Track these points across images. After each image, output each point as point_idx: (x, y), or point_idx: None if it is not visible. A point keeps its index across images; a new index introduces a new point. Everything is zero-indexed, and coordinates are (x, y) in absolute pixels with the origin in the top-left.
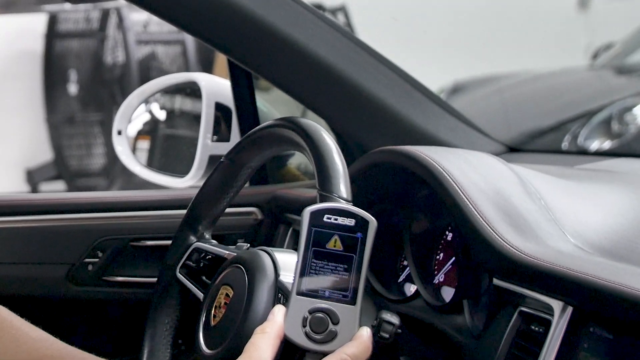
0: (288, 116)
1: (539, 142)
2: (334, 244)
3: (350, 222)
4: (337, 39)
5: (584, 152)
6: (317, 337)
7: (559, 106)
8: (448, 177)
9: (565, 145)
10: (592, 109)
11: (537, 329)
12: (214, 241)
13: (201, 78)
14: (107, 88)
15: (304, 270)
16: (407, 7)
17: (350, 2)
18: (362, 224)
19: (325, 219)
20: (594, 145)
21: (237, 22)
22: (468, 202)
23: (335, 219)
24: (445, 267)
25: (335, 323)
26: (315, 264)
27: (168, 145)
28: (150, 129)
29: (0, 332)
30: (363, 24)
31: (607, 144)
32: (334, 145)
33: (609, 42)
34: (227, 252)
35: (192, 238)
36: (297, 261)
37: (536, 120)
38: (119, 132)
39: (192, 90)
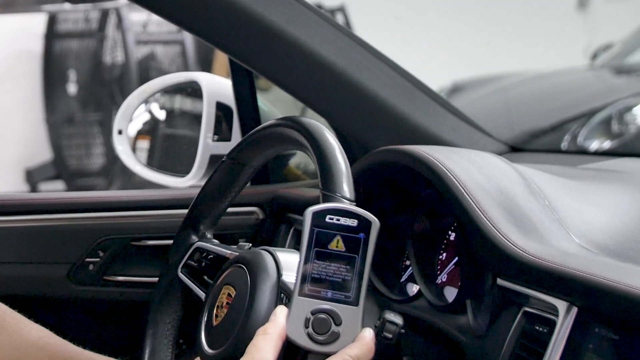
0: (290, 115)
1: (541, 142)
2: (336, 244)
3: (353, 222)
4: (338, 38)
5: (585, 151)
6: (320, 338)
7: (560, 106)
8: (452, 177)
9: (564, 145)
10: (592, 109)
11: (541, 329)
12: (215, 241)
13: (202, 77)
14: (107, 88)
15: (306, 271)
16: (406, 7)
17: (349, 2)
18: (365, 224)
19: (327, 220)
20: (594, 145)
21: (238, 20)
22: (472, 202)
23: (338, 220)
24: (448, 267)
25: (338, 324)
26: (317, 265)
27: (169, 145)
28: (151, 128)
29: (1, 323)
30: (362, 24)
31: (606, 144)
32: (336, 144)
33: (608, 42)
34: (229, 251)
35: (194, 237)
36: (299, 262)
37: (538, 119)
38: (120, 132)
39: (192, 90)
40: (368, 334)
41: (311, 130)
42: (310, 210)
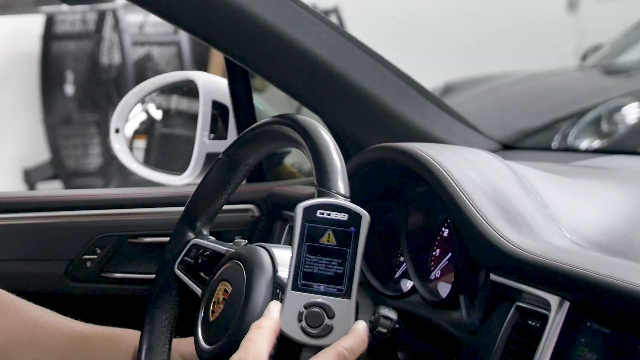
0: (286, 113)
1: (533, 140)
2: (328, 238)
3: (344, 216)
4: (333, 37)
5: (576, 149)
6: (313, 331)
7: (551, 105)
8: (445, 174)
9: (555, 144)
10: (583, 109)
11: (534, 323)
12: (212, 237)
13: (198, 76)
14: (104, 89)
15: (299, 265)
16: (400, 8)
17: (343, 3)
18: (355, 218)
19: (318, 214)
20: (584, 144)
21: (234, 20)
22: (465, 198)
23: (329, 214)
24: (442, 263)
25: (331, 317)
26: (309, 259)
27: (165, 144)
28: (148, 127)
29: (5, 309)
30: (357, 25)
31: (596, 143)
32: (331, 141)
33: (598, 43)
34: (226, 248)
35: (190, 234)
36: (292, 256)
37: (529, 119)
38: (117, 131)
39: (189, 89)
40: (361, 326)
41: (306, 127)
42: (301, 205)
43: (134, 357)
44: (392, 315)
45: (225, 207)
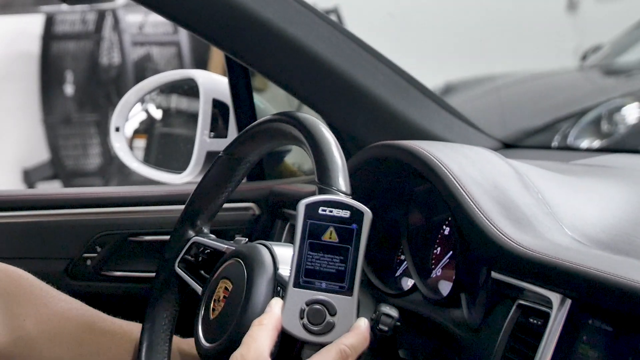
0: (287, 110)
1: (533, 140)
2: (330, 235)
3: (345, 213)
4: (333, 35)
5: (576, 148)
6: (315, 328)
7: (551, 105)
8: (446, 171)
9: (555, 144)
10: (583, 109)
11: (535, 321)
12: (212, 235)
13: (198, 75)
14: (103, 89)
15: (300, 262)
16: (400, 8)
17: (343, 3)
18: (357, 215)
19: (320, 211)
20: (584, 144)
21: (235, 18)
22: (466, 196)
23: (330, 211)
24: (443, 261)
25: (333, 314)
26: (311, 256)
27: (165, 142)
28: (148, 126)
29: (29, 295)
30: (357, 26)
31: (596, 143)
32: (332, 139)
33: (598, 43)
34: (226, 246)
35: (191, 232)
36: (293, 254)
37: (530, 118)
38: (117, 129)
39: (189, 87)
40: (363, 323)
41: (307, 125)
42: (303, 202)
43: None
44: (393, 313)
45: (226, 205)
